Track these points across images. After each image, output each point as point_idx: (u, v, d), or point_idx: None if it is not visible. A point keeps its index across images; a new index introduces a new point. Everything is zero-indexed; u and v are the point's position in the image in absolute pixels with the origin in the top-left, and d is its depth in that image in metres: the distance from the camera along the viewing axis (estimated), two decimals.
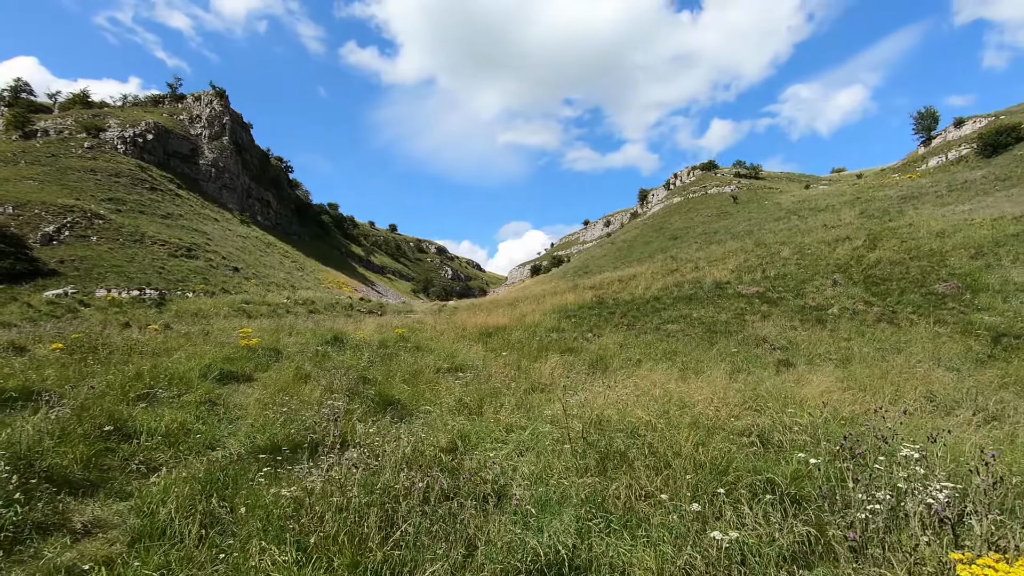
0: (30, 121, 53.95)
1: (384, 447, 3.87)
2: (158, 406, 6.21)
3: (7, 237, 28.98)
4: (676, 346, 12.59)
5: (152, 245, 37.87)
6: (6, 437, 3.66)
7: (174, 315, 20.66)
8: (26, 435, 3.79)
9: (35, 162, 45.75)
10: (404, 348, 11.26)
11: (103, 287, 28.11)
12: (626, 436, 3.92)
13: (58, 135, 53.12)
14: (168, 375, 7.44)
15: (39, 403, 5.60)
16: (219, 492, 3.33)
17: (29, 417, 4.64)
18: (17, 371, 6.70)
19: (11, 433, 3.75)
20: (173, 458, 4.28)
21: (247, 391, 7.44)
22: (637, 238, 60.21)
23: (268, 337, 11.44)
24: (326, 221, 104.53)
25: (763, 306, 17.68)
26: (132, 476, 3.85)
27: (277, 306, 27.11)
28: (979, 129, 56.73)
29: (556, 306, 23.66)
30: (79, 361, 7.82)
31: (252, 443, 4.66)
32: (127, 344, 9.70)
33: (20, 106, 59.75)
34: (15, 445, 3.59)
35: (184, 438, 4.70)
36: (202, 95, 70.35)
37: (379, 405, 6.19)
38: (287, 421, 5.01)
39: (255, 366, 8.72)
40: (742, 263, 25.56)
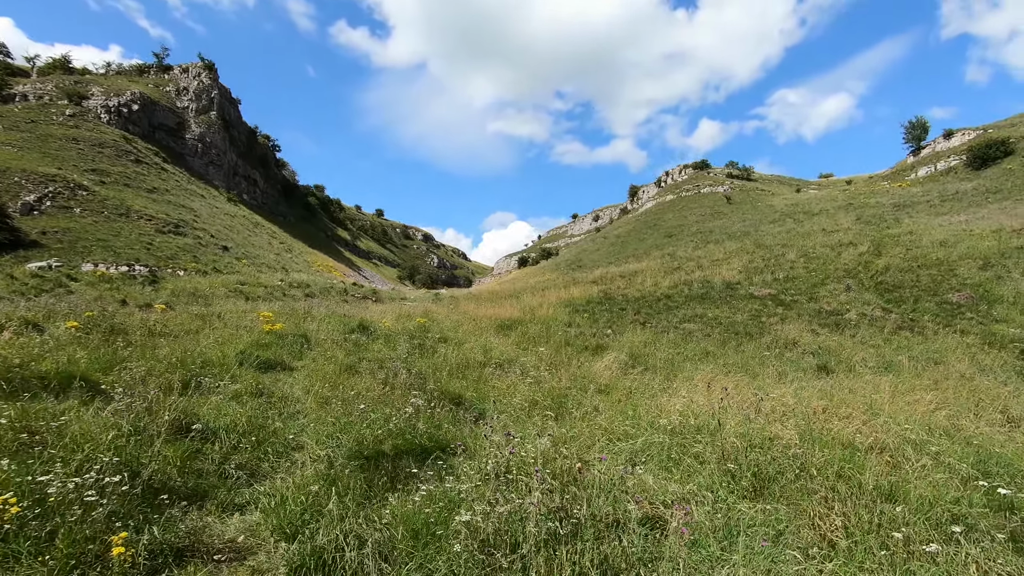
0: (7, 84, 51.61)
1: (507, 456, 3.50)
2: (204, 395, 5.75)
3: None
4: (707, 347, 12.38)
5: (139, 220, 36.55)
6: (111, 439, 3.20)
7: (170, 294, 19.84)
8: (124, 437, 3.32)
9: (13, 127, 43.76)
10: (431, 339, 10.85)
11: (89, 261, 26.98)
12: (766, 453, 3.61)
13: (38, 101, 50.91)
14: (203, 361, 6.95)
15: (82, 392, 5.11)
16: (365, 514, 2.91)
17: (91, 409, 4.17)
18: (45, 353, 6.15)
19: (116, 435, 3.28)
20: (264, 461, 3.85)
21: (289, 381, 6.98)
22: (630, 234, 60.18)
23: (290, 322, 10.91)
24: (312, 203, 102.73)
25: (778, 308, 17.62)
26: (235, 483, 3.42)
27: (273, 288, 26.32)
28: (968, 142, 57.79)
29: (562, 300, 23.37)
30: (104, 343, 7.26)
31: (338, 444, 4.25)
32: (144, 324, 9.12)
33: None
34: (121, 450, 3.13)
35: (262, 436, 4.26)
36: (190, 67, 68.09)
37: (445, 403, 5.80)
38: (369, 421, 4.60)
39: (289, 353, 8.24)
40: (747, 264, 25.56)
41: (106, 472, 2.72)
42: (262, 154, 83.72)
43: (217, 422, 4.27)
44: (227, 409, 4.70)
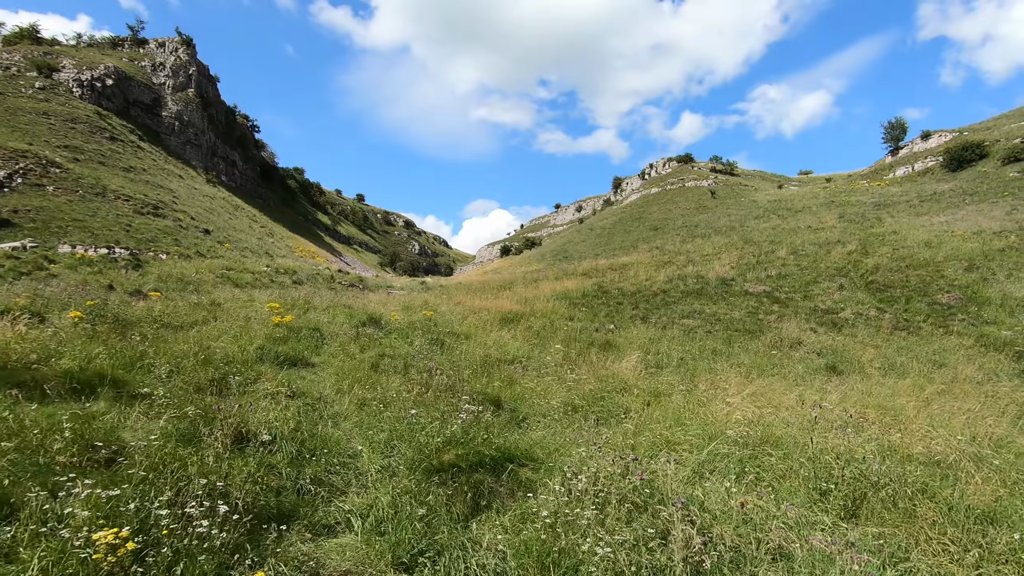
0: None
1: (590, 474, 3.40)
2: (236, 396, 5.52)
3: None
4: (714, 345, 12.46)
5: (116, 200, 35.28)
6: (198, 461, 2.98)
7: (157, 279, 19.18)
8: (201, 453, 3.11)
9: None
10: (442, 333, 10.67)
11: (67, 242, 25.94)
12: (853, 469, 3.58)
13: (5, 71, 48.54)
14: (222, 357, 6.69)
15: (112, 393, 4.85)
16: (471, 537, 2.78)
17: (134, 414, 3.93)
18: (62, 348, 5.82)
19: (200, 455, 3.06)
20: (333, 474, 3.68)
21: (315, 379, 6.76)
22: (616, 226, 60.40)
23: (296, 314, 10.61)
24: (292, 186, 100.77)
25: (773, 306, 17.85)
26: (315, 500, 3.24)
27: (260, 274, 25.71)
28: (945, 143, 59.28)
29: (557, 292, 23.33)
30: (116, 336, 6.93)
31: (395, 452, 4.09)
32: (150, 315, 8.76)
33: None
34: (205, 467, 2.93)
35: (315, 444, 4.08)
36: (166, 41, 65.67)
37: (486, 407, 5.67)
38: (427, 429, 4.44)
39: (306, 348, 7.99)
40: (737, 260, 25.84)
41: (202, 497, 2.53)
42: (241, 135, 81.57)
43: (268, 429, 4.07)
44: (275, 414, 4.50)
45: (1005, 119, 61.91)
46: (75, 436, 3.18)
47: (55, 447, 3.05)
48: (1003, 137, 54.31)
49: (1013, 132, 54.61)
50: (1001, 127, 58.76)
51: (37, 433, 3.20)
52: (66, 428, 3.21)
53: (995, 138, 54.77)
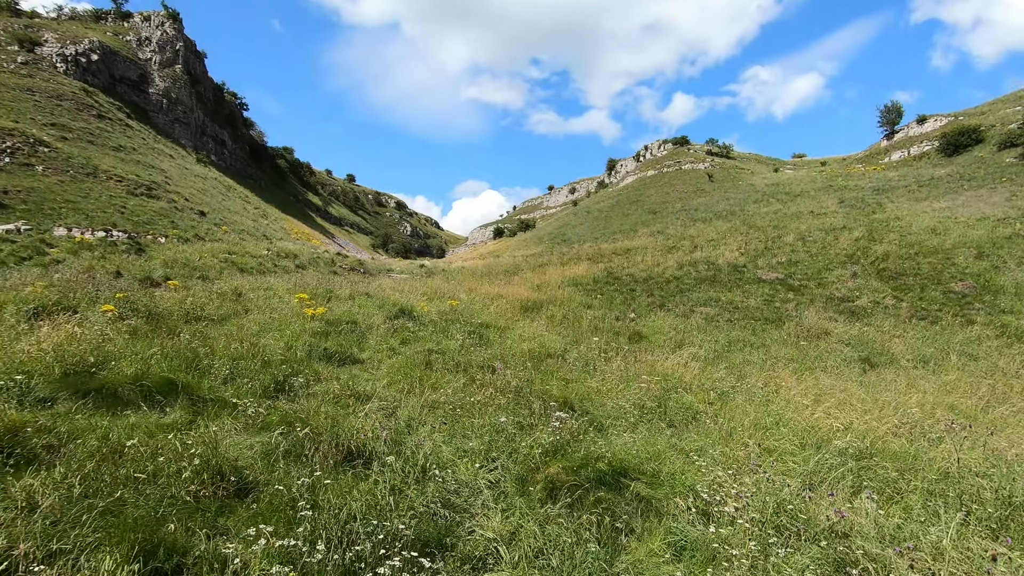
0: None
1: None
2: (301, 399, 5.34)
3: None
4: (741, 335, 12.43)
5: (108, 180, 34.35)
6: (366, 490, 2.80)
7: (163, 264, 18.71)
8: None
9: None
10: (474, 324, 10.49)
11: (62, 225, 25.23)
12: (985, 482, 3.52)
13: None
14: (276, 356, 6.47)
15: (186, 401, 4.65)
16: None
17: (226, 427, 3.73)
18: (118, 350, 5.56)
19: (366, 483, 2.85)
20: (453, 495, 3.51)
21: (368, 378, 6.58)
22: (613, 209, 60.18)
23: (324, 304, 10.36)
24: (282, 166, 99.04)
25: (788, 293, 17.88)
26: (454, 527, 3.07)
27: (263, 258, 25.26)
28: (941, 128, 59.50)
29: (567, 278, 23.19)
30: (163, 334, 6.67)
31: (496, 465, 3.95)
32: (181, 308, 8.48)
33: None
34: (374, 500, 2.74)
35: (412, 457, 3.90)
36: (152, 15, 63.49)
37: (558, 409, 5.53)
38: (532, 440, 4.28)
39: (350, 343, 7.79)
40: (745, 246, 25.81)
41: (387, 543, 2.35)
42: (229, 112, 79.69)
43: (367, 442, 3.88)
44: (358, 423, 4.32)
45: (1000, 103, 62.15)
46: (203, 463, 2.98)
47: (183, 475, 2.86)
48: (998, 122, 54.56)
49: (1008, 117, 54.87)
50: (996, 112, 59.01)
51: (166, 459, 3.00)
52: (195, 454, 3.01)
53: (990, 123, 55.02)
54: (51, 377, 4.44)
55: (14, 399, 4.14)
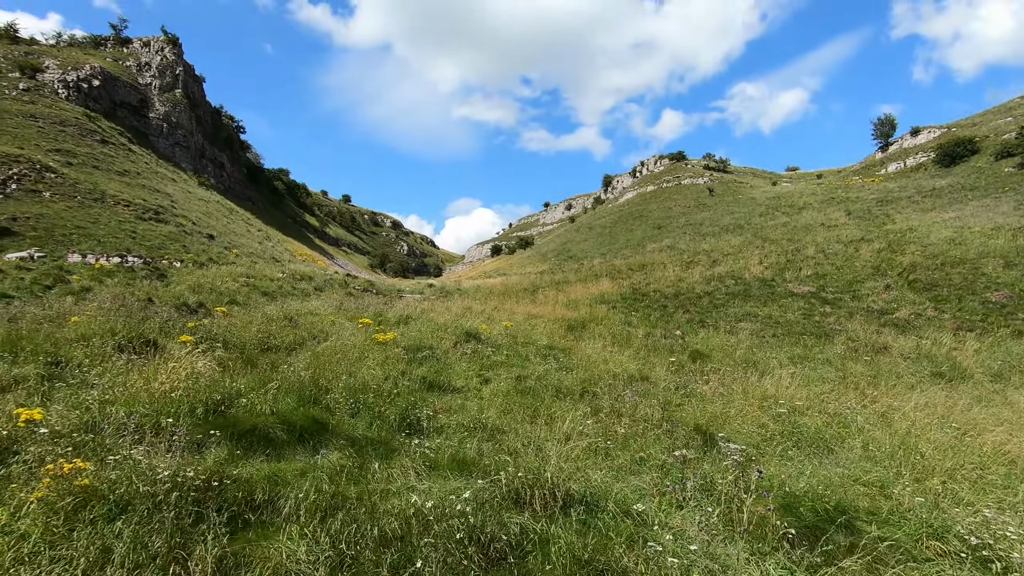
0: None
1: None
2: (432, 435, 5.06)
3: None
4: (797, 351, 12.26)
5: (115, 205, 33.96)
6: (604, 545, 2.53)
7: (190, 289, 18.31)
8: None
9: None
10: (540, 347, 10.25)
11: (75, 251, 24.78)
12: None
13: None
14: (362, 384, 6.18)
15: (332, 439, 4.37)
16: None
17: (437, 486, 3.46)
18: (228, 383, 5.27)
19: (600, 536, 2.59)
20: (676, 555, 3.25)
21: (474, 406, 6.29)
22: (616, 224, 60.37)
23: (385, 328, 10.08)
24: (279, 188, 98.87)
25: (824, 307, 17.79)
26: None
27: (281, 281, 24.89)
28: (935, 139, 60.54)
29: (593, 295, 23.03)
30: (249, 365, 6.38)
31: (696, 511, 3.69)
32: (256, 338, 8.18)
33: None
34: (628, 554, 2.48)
35: (603, 504, 3.63)
36: (151, 40, 63.65)
37: (696, 439, 5.29)
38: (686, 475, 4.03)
39: (440, 371, 7.51)
40: (765, 259, 25.82)
41: None
42: (227, 136, 79.68)
43: (564, 484, 3.58)
44: (532, 462, 4.04)
45: (992, 114, 63.42)
46: (464, 525, 2.70)
47: (456, 535, 2.58)
48: (992, 132, 55.60)
49: (1001, 127, 55.94)
50: (988, 122, 60.18)
51: (408, 514, 2.72)
52: (468, 513, 2.73)
53: (984, 133, 56.04)
54: (196, 418, 4.15)
55: (163, 443, 3.85)
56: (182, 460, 3.37)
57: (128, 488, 2.73)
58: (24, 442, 3.11)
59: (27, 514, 2.48)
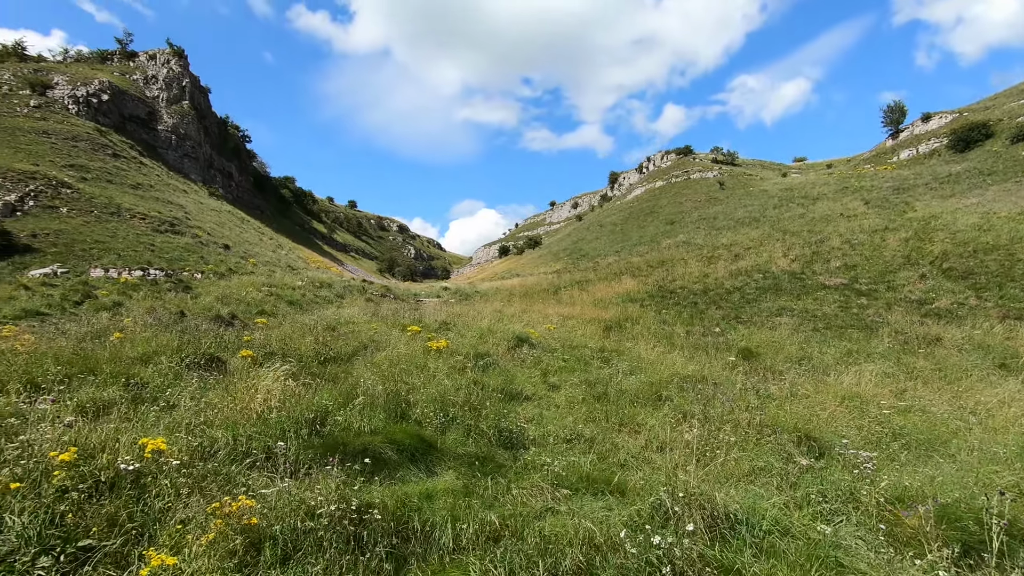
0: None
1: None
2: (531, 448, 4.87)
3: None
4: (848, 345, 12.01)
5: (132, 219, 34.02)
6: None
7: (217, 301, 18.24)
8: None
9: None
10: (593, 351, 10.05)
11: (97, 266, 24.78)
12: None
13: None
14: (460, 400, 6.00)
15: (451, 460, 4.20)
16: None
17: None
18: (320, 399, 5.10)
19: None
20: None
21: (552, 415, 6.11)
22: (627, 221, 60.05)
23: (435, 335, 9.91)
24: (286, 196, 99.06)
25: (860, 299, 17.49)
26: None
27: (302, 290, 24.79)
28: (948, 124, 59.85)
29: (619, 294, 22.82)
30: (317, 378, 6.21)
31: (840, 524, 3.48)
32: (315, 350, 8.03)
33: None
34: None
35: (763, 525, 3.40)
36: (157, 53, 63.88)
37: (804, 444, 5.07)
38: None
39: (505, 379, 7.33)
40: (789, 252, 25.50)
41: None
42: (234, 145, 79.92)
43: (725, 503, 3.31)
44: (662, 477, 3.86)
45: (1004, 98, 62.66)
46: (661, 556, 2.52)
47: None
48: (1006, 116, 54.88)
49: (1015, 111, 55.21)
50: (1001, 106, 59.45)
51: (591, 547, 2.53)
52: (653, 542, 2.52)
53: (998, 117, 55.33)
54: (301, 439, 3.98)
55: (282, 467, 3.68)
56: (301, 486, 3.19)
57: (286, 524, 2.56)
58: (155, 475, 2.94)
59: (195, 556, 2.31)
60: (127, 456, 2.99)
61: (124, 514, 2.57)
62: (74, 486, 2.63)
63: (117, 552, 2.39)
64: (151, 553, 2.23)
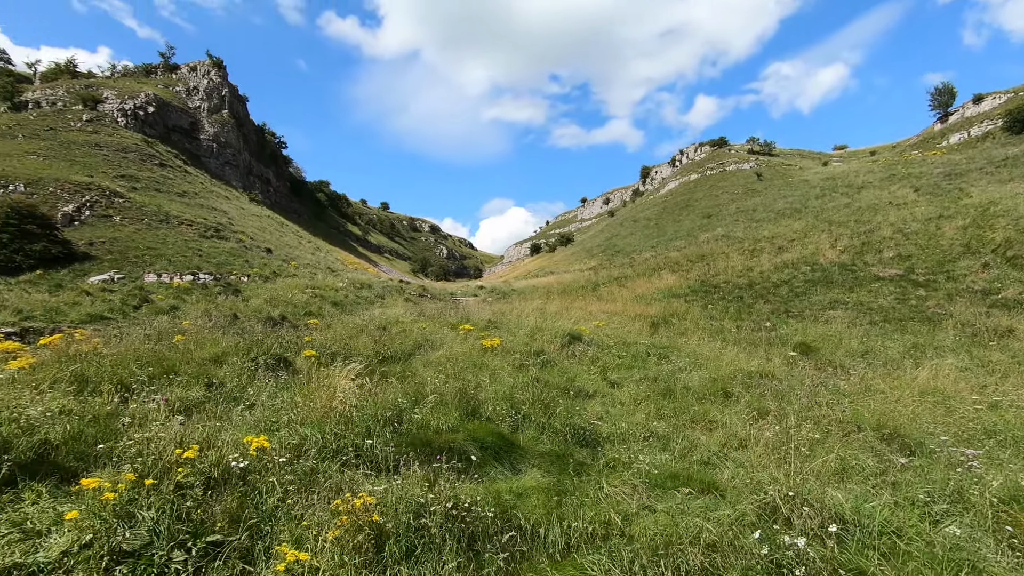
0: (18, 91, 49.81)
1: None
2: (606, 446, 4.80)
3: (37, 218, 26.33)
4: (912, 339, 11.52)
5: (179, 226, 35.29)
6: None
7: (266, 303, 18.80)
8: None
9: (34, 136, 42.20)
10: (647, 347, 9.91)
11: (150, 272, 25.81)
12: None
13: (51, 107, 49.15)
14: (528, 397, 5.97)
15: (536, 459, 4.18)
16: None
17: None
18: (398, 402, 5.16)
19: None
20: None
21: (617, 413, 6.04)
22: (662, 216, 59.16)
23: (484, 333, 9.94)
24: (321, 200, 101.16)
25: (918, 290, 16.77)
26: None
27: (345, 291, 25.29)
28: (1001, 105, 56.88)
29: (661, 289, 22.50)
30: (382, 378, 6.29)
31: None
32: (374, 349, 8.14)
33: (0, 76, 55.26)
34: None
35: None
36: (198, 65, 66.06)
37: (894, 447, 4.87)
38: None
39: (566, 377, 7.28)
40: (837, 243, 24.65)
41: None
42: (271, 152, 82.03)
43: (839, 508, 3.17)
44: (763, 475, 3.75)
45: None
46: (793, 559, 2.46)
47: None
48: None
49: None
50: None
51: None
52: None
53: None
54: (385, 438, 4.02)
55: (356, 464, 3.73)
56: (404, 483, 3.22)
57: (401, 521, 2.58)
58: (261, 472, 3.02)
59: (323, 553, 2.35)
60: (235, 453, 3.08)
61: (246, 511, 2.64)
62: (192, 483, 2.71)
63: (243, 547, 2.46)
64: (284, 549, 2.28)
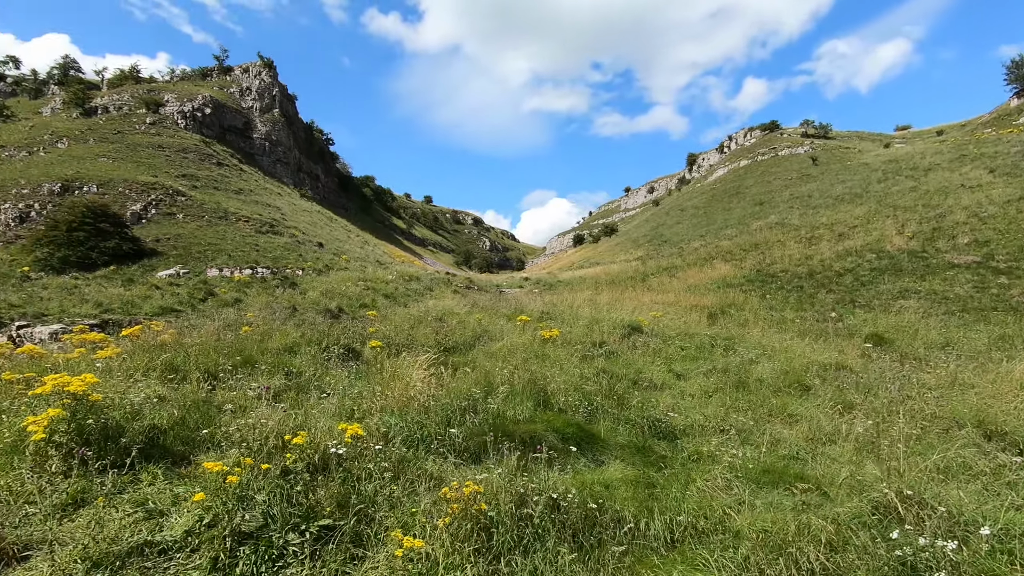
0: (89, 97, 52.86)
1: None
2: (683, 439, 4.69)
3: (109, 217, 27.98)
4: (998, 330, 10.80)
5: (237, 222, 36.76)
6: None
7: (322, 295, 19.39)
8: None
9: (103, 139, 44.69)
10: (709, 337, 9.66)
11: (212, 266, 27.03)
12: None
13: (118, 111, 51.96)
14: (601, 389, 5.91)
15: (618, 451, 4.12)
16: None
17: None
18: (472, 392, 5.21)
19: None
20: None
21: (688, 405, 5.89)
22: (711, 203, 57.50)
23: (535, 325, 9.91)
24: (367, 194, 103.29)
25: (999, 278, 15.69)
26: None
27: (395, 283, 25.76)
28: None
29: (714, 279, 21.92)
30: (470, 369, 6.34)
31: None
32: (435, 340, 8.24)
33: (72, 84, 58.74)
34: None
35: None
36: (249, 66, 68.39)
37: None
38: None
39: (641, 368, 7.18)
40: (904, 228, 23.33)
41: None
42: (319, 149, 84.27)
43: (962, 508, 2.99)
44: (866, 472, 3.58)
45: None
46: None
47: None
48: None
49: None
50: None
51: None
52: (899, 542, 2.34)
53: None
54: (465, 427, 4.05)
55: (439, 452, 3.75)
56: (506, 472, 3.22)
57: (504, 510, 2.59)
58: (357, 458, 3.09)
59: (435, 539, 2.38)
60: (330, 440, 3.16)
61: (353, 496, 2.70)
62: (299, 468, 2.80)
63: (353, 532, 2.52)
64: (397, 534, 2.32)
